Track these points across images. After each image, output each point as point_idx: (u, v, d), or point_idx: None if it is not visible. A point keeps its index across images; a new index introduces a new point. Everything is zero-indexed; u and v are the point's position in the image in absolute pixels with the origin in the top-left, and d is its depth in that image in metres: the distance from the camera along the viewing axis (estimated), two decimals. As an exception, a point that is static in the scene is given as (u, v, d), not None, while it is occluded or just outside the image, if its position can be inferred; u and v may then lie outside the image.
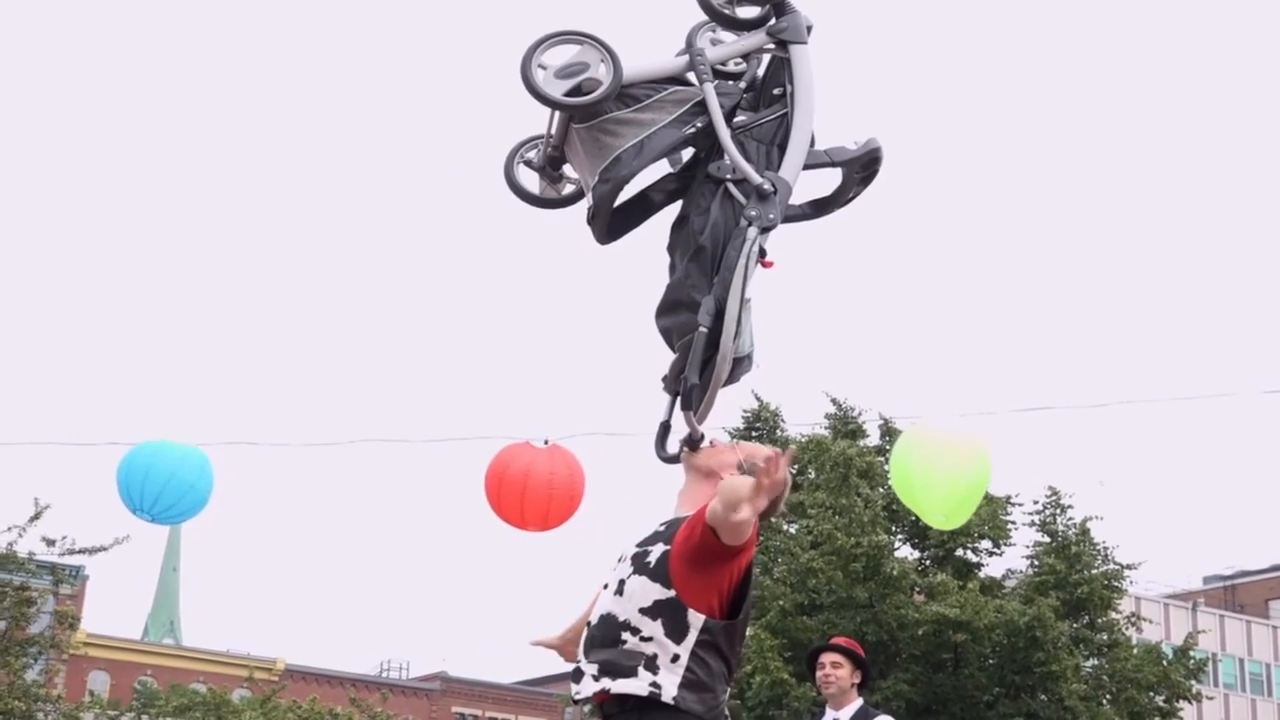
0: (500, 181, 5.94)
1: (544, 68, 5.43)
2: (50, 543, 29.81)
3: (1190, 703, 30.15)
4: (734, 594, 4.64)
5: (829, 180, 5.75)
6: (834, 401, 32.34)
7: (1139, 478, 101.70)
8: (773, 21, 5.74)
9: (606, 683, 4.57)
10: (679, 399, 5.30)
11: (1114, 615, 29.74)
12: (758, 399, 32.83)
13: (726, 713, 4.69)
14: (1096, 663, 29.20)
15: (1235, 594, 69.76)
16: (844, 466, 28.73)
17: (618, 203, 5.59)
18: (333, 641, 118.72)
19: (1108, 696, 28.50)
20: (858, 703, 8.57)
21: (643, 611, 4.62)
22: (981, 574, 30.04)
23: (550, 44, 5.46)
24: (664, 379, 5.44)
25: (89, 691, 59.94)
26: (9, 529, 28.65)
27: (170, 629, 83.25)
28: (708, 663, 4.59)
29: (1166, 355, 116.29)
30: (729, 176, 5.39)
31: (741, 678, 27.23)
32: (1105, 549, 29.88)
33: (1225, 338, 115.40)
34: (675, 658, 4.55)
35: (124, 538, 28.78)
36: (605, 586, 4.83)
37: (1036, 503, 30.29)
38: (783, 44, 5.72)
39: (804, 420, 44.40)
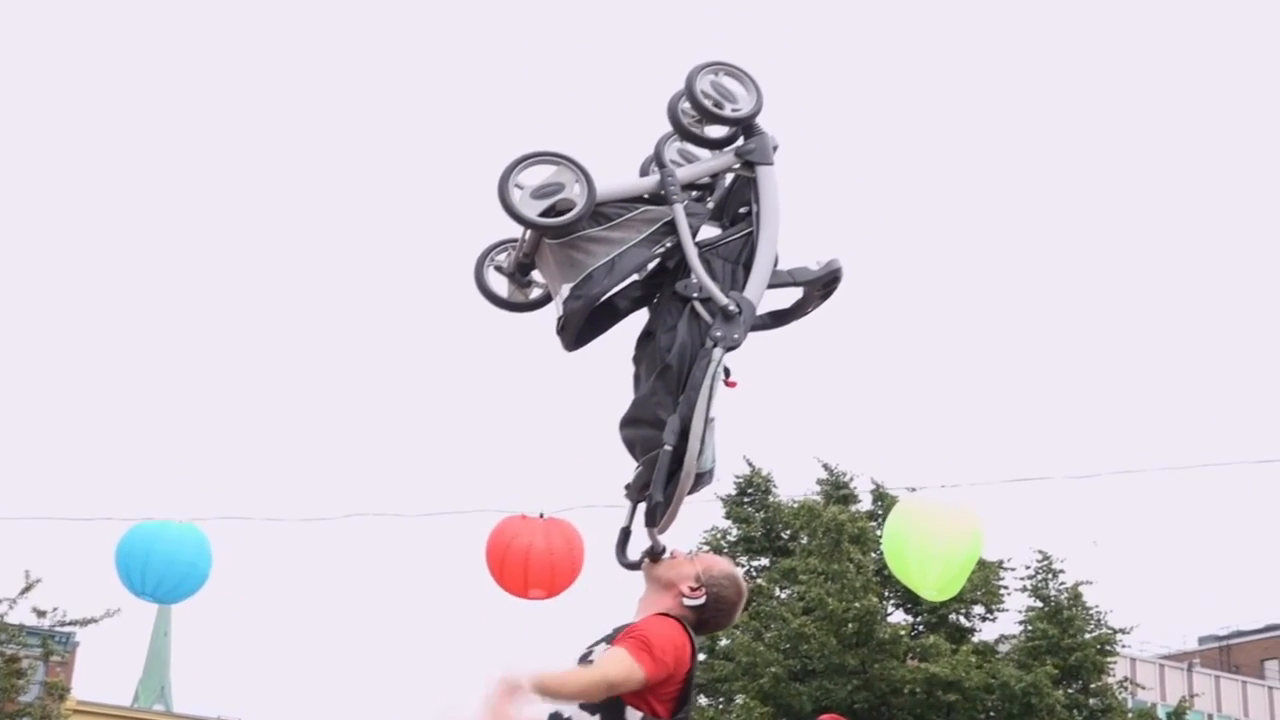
0: (470, 282, 6.06)
1: (520, 187, 5.53)
2: (41, 614, 29.78)
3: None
4: (674, 697, 4.82)
5: (790, 293, 5.91)
6: (825, 467, 32.40)
7: (1132, 540, 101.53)
8: (740, 142, 5.91)
9: None
10: (643, 513, 5.44)
11: (1107, 680, 29.70)
12: (750, 465, 32.91)
13: None
14: (1090, 728, 29.16)
15: (1230, 654, 69.58)
16: (835, 532, 28.71)
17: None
18: (326, 709, 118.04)
19: (1104, 762, 28.47)
20: None
21: (583, 708, 4.76)
22: (974, 639, 30.02)
23: (527, 164, 5.57)
24: (627, 487, 5.59)
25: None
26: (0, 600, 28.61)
27: (161, 695, 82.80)
28: None
29: (1158, 423, 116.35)
30: (696, 295, 5.54)
31: (732, 747, 27.18)
32: (1098, 613, 29.89)
33: (1217, 407, 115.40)
34: None
35: (115, 610, 28.77)
36: None
37: (1028, 567, 30.33)
38: (750, 165, 5.86)
39: (796, 486, 44.41)
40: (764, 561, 32.41)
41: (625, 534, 5.49)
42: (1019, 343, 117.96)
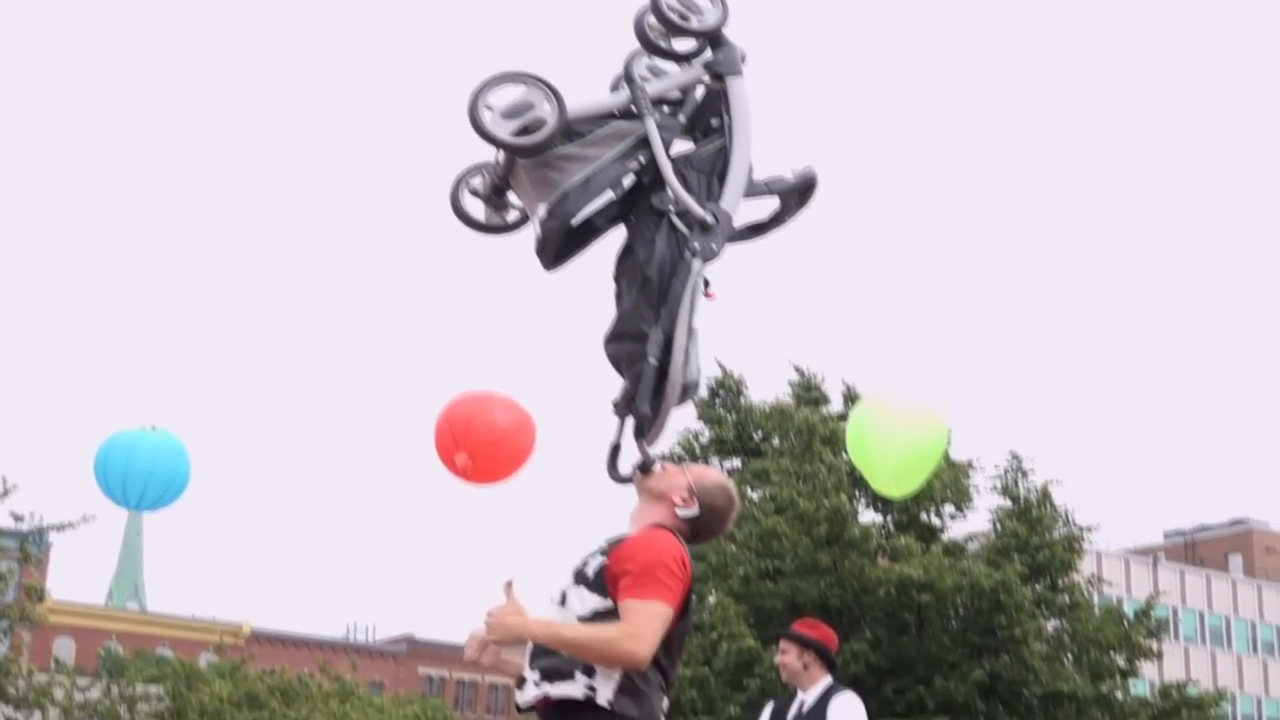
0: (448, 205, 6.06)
1: (490, 108, 5.54)
2: (18, 518, 29.87)
3: (1151, 661, 30.54)
4: (680, 605, 4.86)
5: (767, 203, 5.96)
6: (797, 369, 32.56)
7: (1101, 439, 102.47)
8: (708, 54, 5.91)
9: (546, 687, 4.76)
10: (631, 427, 5.50)
11: (1075, 577, 30.06)
12: (721, 367, 33.03)
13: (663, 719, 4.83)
14: (1058, 624, 29.52)
15: (1195, 549, 70.33)
16: (807, 434, 28.90)
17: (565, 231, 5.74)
18: (299, 605, 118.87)
19: (1069, 656, 28.83)
20: (823, 682, 8.63)
21: (581, 620, 4.82)
22: (944, 538, 30.31)
23: (496, 85, 5.56)
24: (614, 403, 5.63)
25: (55, 659, 59.96)
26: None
27: (134, 593, 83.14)
28: (645, 670, 4.75)
29: (1127, 327, 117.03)
30: (673, 209, 5.57)
31: (708, 645, 27.44)
32: (1066, 512, 30.22)
33: (1185, 311, 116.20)
34: None
35: (91, 516, 28.91)
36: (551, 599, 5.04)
37: (998, 467, 30.59)
38: (719, 76, 5.88)
39: (767, 388, 44.55)
40: (736, 463, 32.60)
41: (615, 450, 5.52)
42: (992, 248, 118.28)
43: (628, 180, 5.70)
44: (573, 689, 4.70)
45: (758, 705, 26.00)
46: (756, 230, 5.95)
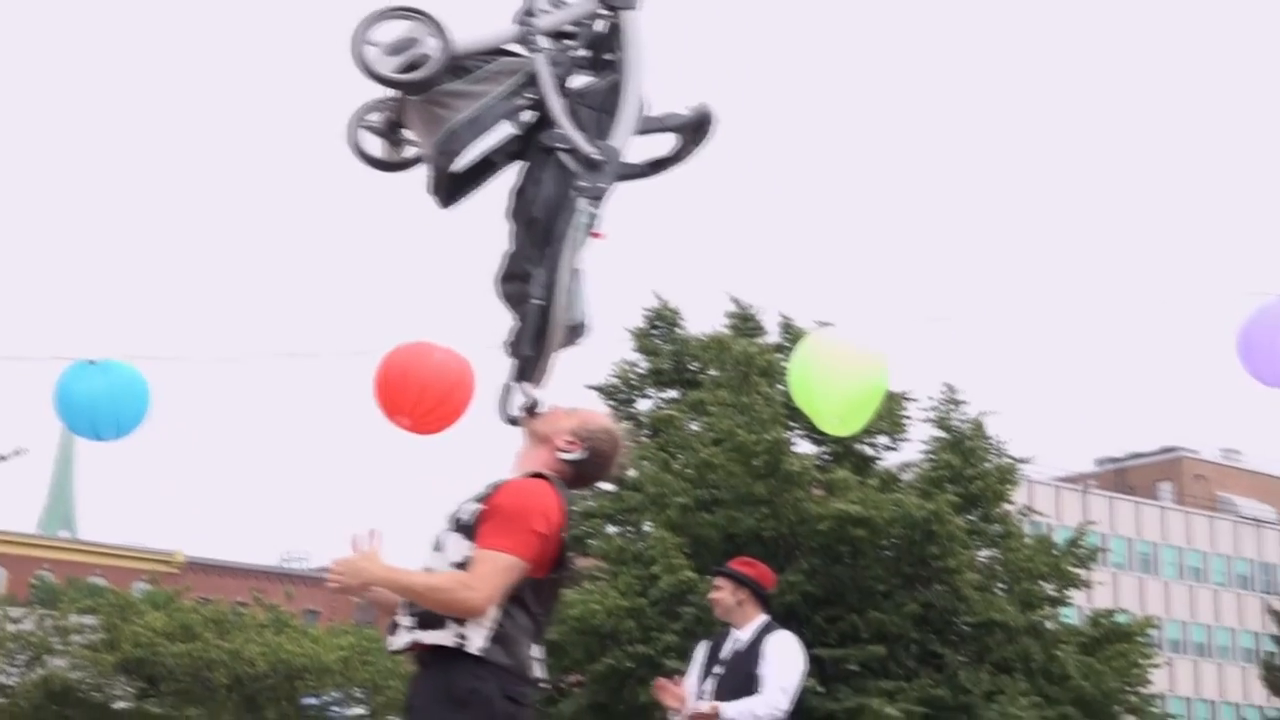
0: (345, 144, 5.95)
1: (374, 45, 5.46)
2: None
3: (1081, 590, 30.91)
4: (551, 557, 4.80)
5: (669, 139, 5.87)
6: (734, 300, 32.56)
7: (1034, 370, 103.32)
8: None
9: (419, 634, 4.71)
10: (521, 367, 5.45)
11: (1007, 507, 30.33)
12: (658, 297, 32.99)
13: (538, 669, 4.82)
14: (990, 554, 29.80)
15: (1126, 476, 71.10)
16: (744, 365, 28.93)
17: (458, 168, 5.67)
18: (233, 533, 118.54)
19: (1001, 586, 29.13)
20: (758, 620, 8.54)
21: (454, 566, 4.74)
22: (878, 467, 30.49)
23: (380, 20, 5.48)
24: (506, 344, 5.57)
25: (-14, 589, 59.58)
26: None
27: (66, 522, 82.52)
28: (515, 618, 4.71)
29: (1057, 262, 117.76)
30: (561, 146, 5.50)
31: (645, 576, 27.51)
32: (999, 443, 30.45)
33: (1113, 250, 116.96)
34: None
35: (24, 449, 28.72)
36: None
37: (932, 399, 30.77)
38: (613, 9, 5.78)
39: (704, 319, 44.56)
40: (673, 394, 32.62)
41: (506, 390, 5.46)
42: (925, 178, 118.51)
43: (526, 116, 5.61)
44: (444, 636, 4.66)
45: (693, 634, 26.36)
46: (657, 166, 5.87)
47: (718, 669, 8.43)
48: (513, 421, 5.31)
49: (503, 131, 5.65)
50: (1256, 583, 68.36)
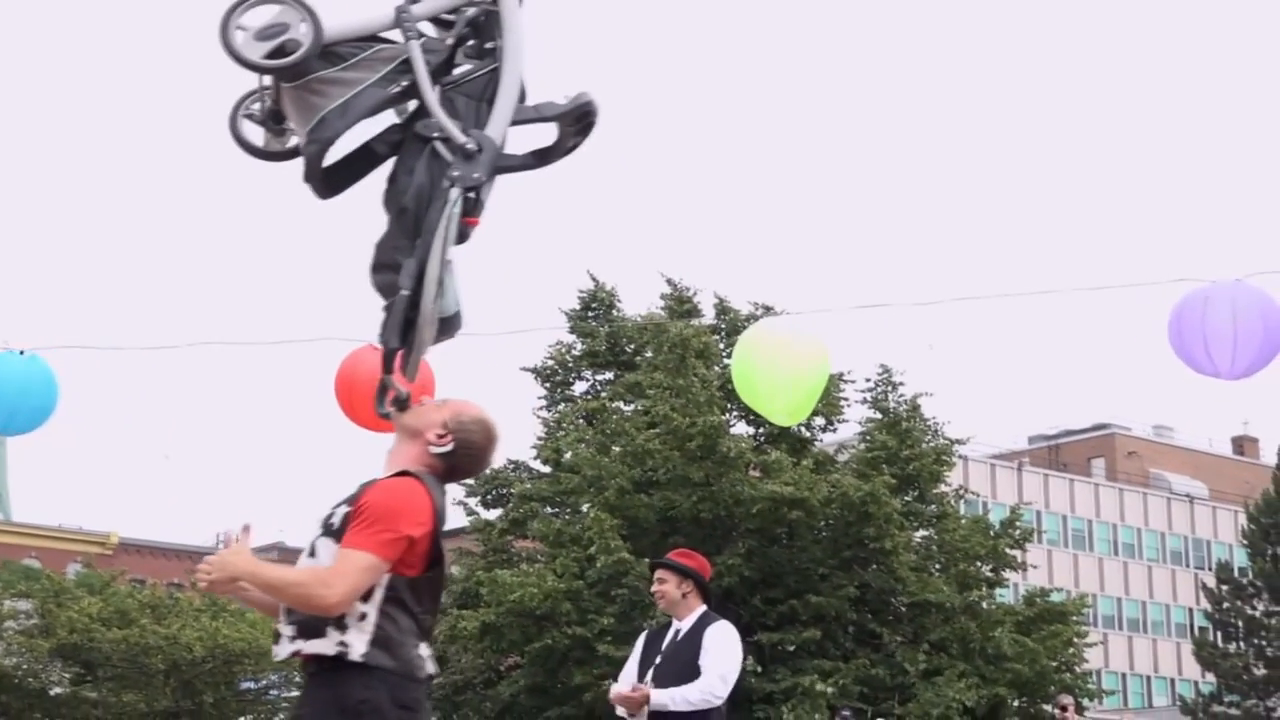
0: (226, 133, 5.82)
1: (243, 29, 5.33)
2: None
3: (1017, 571, 31.17)
4: (424, 555, 4.73)
5: (551, 130, 5.72)
6: (669, 282, 32.57)
7: (968, 351, 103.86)
8: None
9: (300, 644, 4.65)
10: (385, 358, 5.33)
11: (943, 488, 30.53)
12: (594, 279, 32.99)
13: (427, 667, 4.76)
14: (926, 534, 30.01)
15: (1059, 453, 71.59)
16: (681, 347, 28.97)
17: (340, 156, 5.55)
18: (166, 514, 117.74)
19: (937, 567, 29.36)
20: (698, 610, 8.61)
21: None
22: (815, 449, 30.63)
23: (249, 5, 5.36)
24: (377, 336, 5.45)
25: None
26: None
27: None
28: (396, 620, 4.65)
29: (994, 248, 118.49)
30: (435, 135, 5.39)
31: (582, 558, 27.57)
32: (935, 424, 30.64)
33: (1047, 235, 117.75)
34: (363, 616, 4.61)
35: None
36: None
37: (869, 380, 30.93)
38: None
39: (639, 300, 44.56)
40: (609, 375, 32.67)
41: (383, 385, 5.27)
42: (856, 157, 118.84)
43: (413, 105, 5.50)
44: (324, 645, 4.60)
45: (629, 617, 26.48)
46: (540, 157, 5.70)
47: (658, 659, 8.50)
48: (384, 417, 5.17)
49: (385, 120, 5.53)
50: (1189, 558, 69.08)
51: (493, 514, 32.05)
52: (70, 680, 33.51)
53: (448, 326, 5.37)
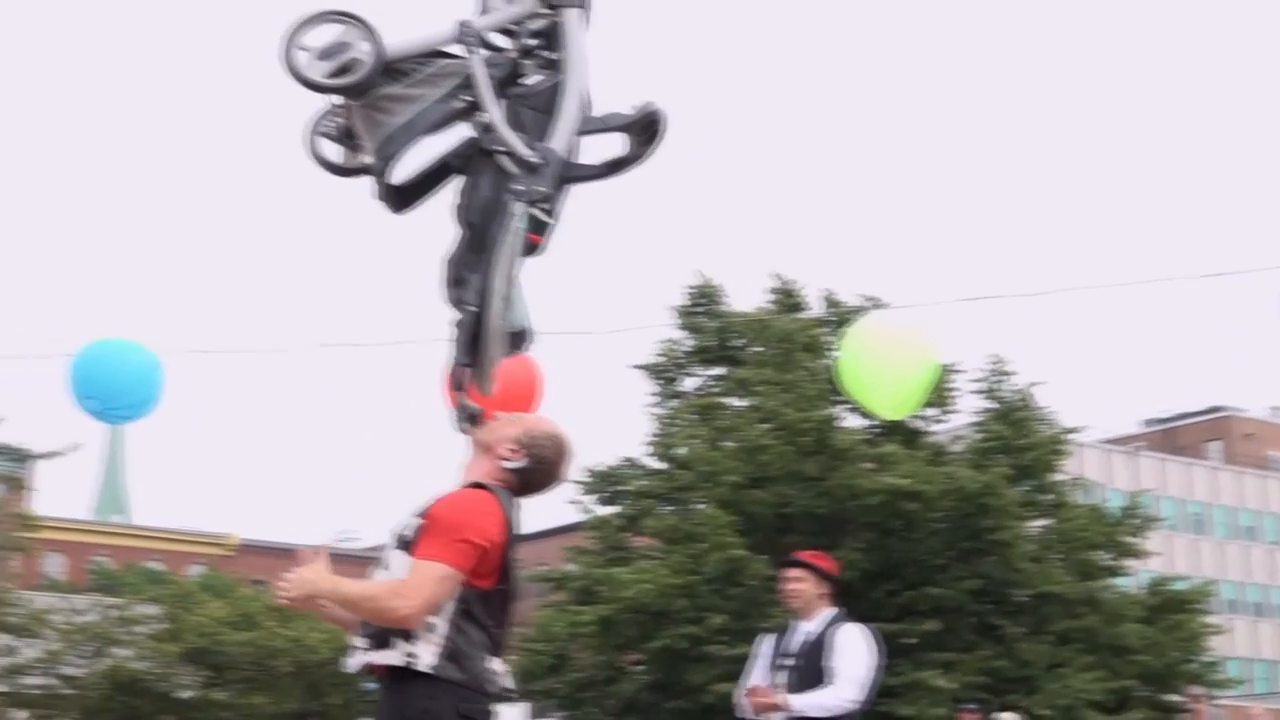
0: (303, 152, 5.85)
1: (305, 50, 5.37)
2: (10, 451, 30.20)
3: (1139, 560, 30.80)
4: (495, 567, 4.76)
5: (624, 138, 5.68)
6: (776, 276, 32.54)
7: (1079, 334, 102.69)
8: None
9: (370, 655, 4.68)
10: (453, 376, 5.36)
11: (1059, 476, 30.28)
12: (701, 275, 33.00)
13: (499, 681, 4.77)
14: (1044, 524, 29.76)
15: (1174, 436, 70.65)
16: (787, 342, 28.95)
17: (414, 171, 5.59)
18: (286, 514, 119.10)
19: (1057, 557, 29.11)
20: (828, 613, 8.57)
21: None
22: (928, 440, 30.48)
23: (311, 25, 5.39)
24: (450, 352, 5.48)
25: (45, 576, 59.97)
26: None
27: (120, 506, 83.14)
28: (467, 632, 4.67)
29: (1103, 233, 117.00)
30: (500, 150, 5.40)
31: (698, 554, 27.62)
32: (1049, 413, 30.40)
33: (1158, 221, 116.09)
34: (431, 628, 4.62)
35: (79, 444, 29.17)
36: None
37: (980, 370, 30.73)
38: (554, 7, 5.65)
39: (747, 295, 44.40)
40: (718, 370, 32.68)
41: (460, 399, 5.31)
42: (962, 147, 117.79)
43: (485, 118, 5.48)
44: (393, 656, 4.61)
45: (744, 614, 26.48)
46: (613, 167, 5.68)
47: (787, 661, 8.43)
48: (461, 432, 5.19)
49: (459, 133, 5.53)
50: (1311, 540, 68.05)
51: (609, 511, 32.16)
52: (200, 683, 33.99)
53: (517, 341, 5.39)
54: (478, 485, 4.84)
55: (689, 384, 33.17)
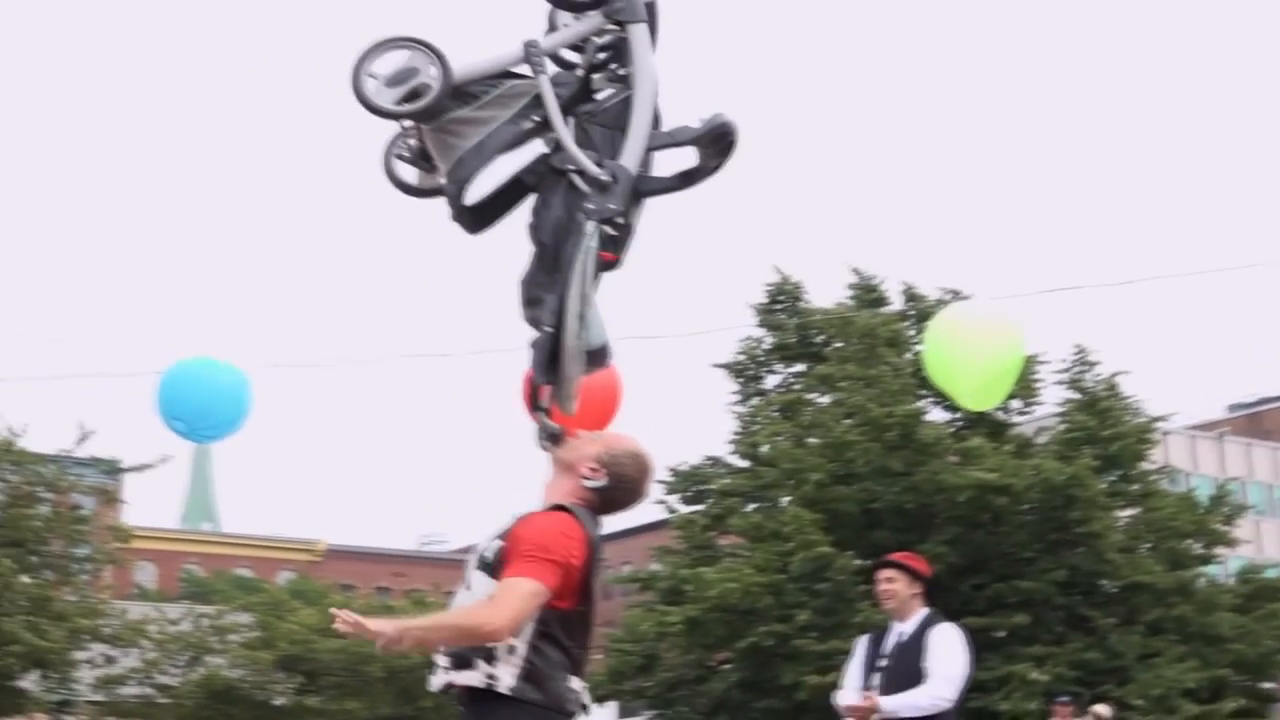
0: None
1: (374, 77, 5.41)
2: (101, 463, 30.65)
3: (1231, 548, 30.49)
4: (576, 589, 4.78)
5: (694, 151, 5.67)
6: (855, 271, 32.48)
7: (1161, 326, 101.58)
8: (611, 2, 5.66)
9: (451, 675, 4.71)
10: (531, 396, 5.37)
11: (1146, 466, 30.05)
12: (779, 273, 32.98)
13: (578, 701, 4.79)
14: (1132, 514, 29.56)
15: (1260, 420, 69.81)
16: (870, 337, 28.89)
17: (488, 191, 5.61)
18: (371, 519, 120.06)
19: (1146, 547, 28.92)
20: (921, 613, 8.64)
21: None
22: (1013, 432, 30.33)
23: (378, 53, 5.43)
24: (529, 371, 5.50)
25: (136, 585, 60.65)
26: (59, 453, 29.43)
27: (208, 514, 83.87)
28: (546, 654, 4.69)
29: (1183, 220, 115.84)
30: (570, 168, 5.40)
31: (784, 553, 27.62)
32: (1135, 402, 30.16)
33: (1238, 207, 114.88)
34: (512, 649, 4.66)
35: (169, 456, 29.60)
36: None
37: (1064, 360, 30.54)
38: (620, 24, 5.65)
39: (825, 291, 44.23)
40: (800, 367, 32.65)
41: (541, 418, 5.28)
42: (1045, 141, 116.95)
43: (526, 140, 5.52)
44: (473, 677, 4.65)
45: (832, 610, 26.47)
46: (686, 178, 5.67)
47: (882, 662, 8.51)
48: (542, 450, 5.20)
49: (533, 150, 5.54)
50: (1401, 521, 67.03)
51: (694, 510, 32.21)
52: (293, 690, 34.32)
53: (595, 358, 5.39)
54: (559, 507, 4.86)
55: (770, 382, 33.19)
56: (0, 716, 26.93)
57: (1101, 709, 21.02)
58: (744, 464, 31.63)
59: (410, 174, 5.84)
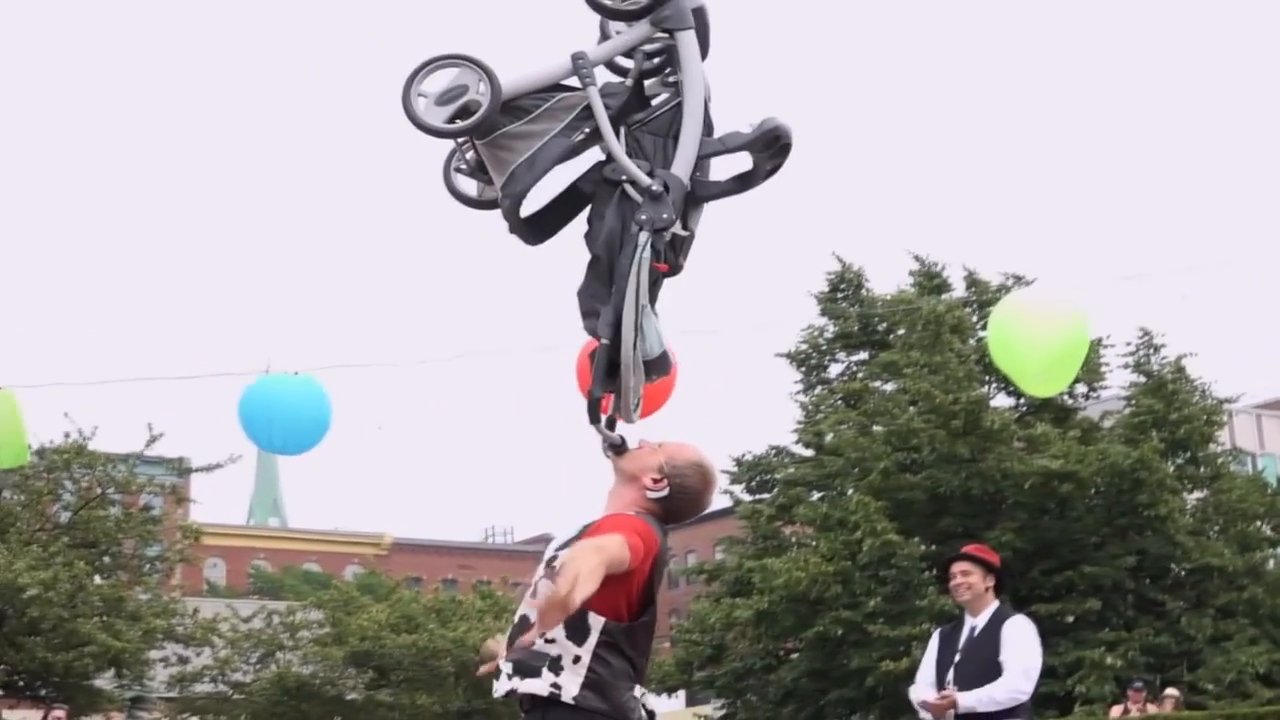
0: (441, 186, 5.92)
1: (424, 96, 5.44)
2: (169, 462, 31.05)
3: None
4: (638, 597, 4.77)
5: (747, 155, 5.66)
6: (917, 258, 32.40)
7: (1226, 308, 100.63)
8: (658, 10, 5.64)
9: (516, 682, 4.70)
10: (590, 408, 5.32)
11: (1214, 448, 29.83)
12: (840, 261, 32.94)
13: (640, 710, 4.76)
14: (1201, 496, 29.36)
15: (1327, 397, 69.13)
16: (934, 324, 28.81)
17: (545, 202, 5.62)
18: (437, 511, 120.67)
19: (1215, 529, 28.73)
20: (994, 605, 8.68)
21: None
22: (1078, 417, 30.19)
23: (427, 71, 5.46)
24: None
25: (206, 582, 61.31)
26: (129, 456, 29.81)
27: (275, 510, 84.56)
28: (610, 663, 4.67)
29: (1252, 202, 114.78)
30: (623, 179, 5.40)
31: (851, 541, 27.61)
32: (1202, 385, 29.93)
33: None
34: (577, 659, 4.64)
35: (237, 456, 29.95)
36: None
37: (1129, 344, 30.35)
38: (668, 31, 5.61)
39: (887, 278, 44.10)
40: (863, 355, 32.60)
41: (611, 422, 5.24)
42: (1100, 126, 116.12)
43: (579, 152, 5.51)
44: (538, 686, 4.64)
45: (900, 597, 26.46)
46: (742, 182, 5.66)
47: (956, 657, 8.56)
48: (606, 459, 5.16)
49: (590, 158, 5.54)
50: None
51: (760, 499, 32.23)
52: (365, 685, 34.62)
53: (655, 368, 5.37)
54: (625, 514, 4.86)
55: (834, 370, 33.16)
56: (77, 716, 27.28)
57: (1168, 694, 21.09)
58: (809, 453, 31.63)
59: (470, 186, 5.87)
